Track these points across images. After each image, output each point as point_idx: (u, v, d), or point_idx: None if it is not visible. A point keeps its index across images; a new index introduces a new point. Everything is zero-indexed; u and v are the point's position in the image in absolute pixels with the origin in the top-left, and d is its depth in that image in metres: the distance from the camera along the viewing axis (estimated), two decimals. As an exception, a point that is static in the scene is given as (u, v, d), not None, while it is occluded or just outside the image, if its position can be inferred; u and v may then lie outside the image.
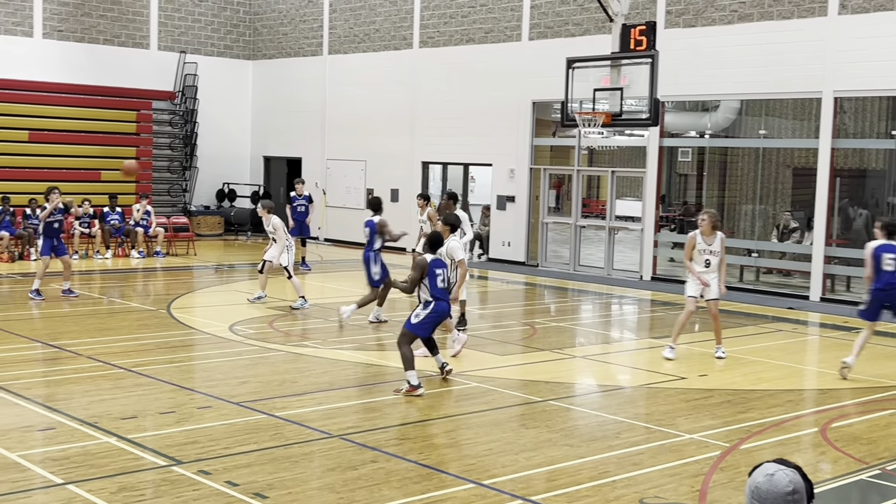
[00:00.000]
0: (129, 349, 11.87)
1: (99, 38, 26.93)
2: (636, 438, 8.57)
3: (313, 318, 14.82)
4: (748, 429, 9.00)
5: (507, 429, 8.87)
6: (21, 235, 21.13)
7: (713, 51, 19.36)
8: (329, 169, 27.67)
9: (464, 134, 24.10)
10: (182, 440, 8.00)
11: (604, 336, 14.72)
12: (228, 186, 29.47)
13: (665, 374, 11.40)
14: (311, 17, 28.04)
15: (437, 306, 10.20)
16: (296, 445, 8.00)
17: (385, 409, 9.36)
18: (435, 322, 10.30)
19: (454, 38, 24.29)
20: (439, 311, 10.23)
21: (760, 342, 14.00)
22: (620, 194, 22.81)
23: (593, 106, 16.46)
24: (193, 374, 11.01)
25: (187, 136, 28.10)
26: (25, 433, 8.15)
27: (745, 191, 20.96)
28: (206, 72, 28.40)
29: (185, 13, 28.51)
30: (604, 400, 10.43)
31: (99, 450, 7.68)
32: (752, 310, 16.99)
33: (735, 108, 20.27)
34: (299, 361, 11.58)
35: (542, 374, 11.26)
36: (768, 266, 20.43)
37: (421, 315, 10.16)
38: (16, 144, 25.05)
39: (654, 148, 20.60)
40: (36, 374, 10.27)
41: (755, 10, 18.90)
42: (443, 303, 10.27)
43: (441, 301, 10.25)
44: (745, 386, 10.91)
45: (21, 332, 12.64)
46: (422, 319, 10.15)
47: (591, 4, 20.58)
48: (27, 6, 25.66)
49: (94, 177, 25.78)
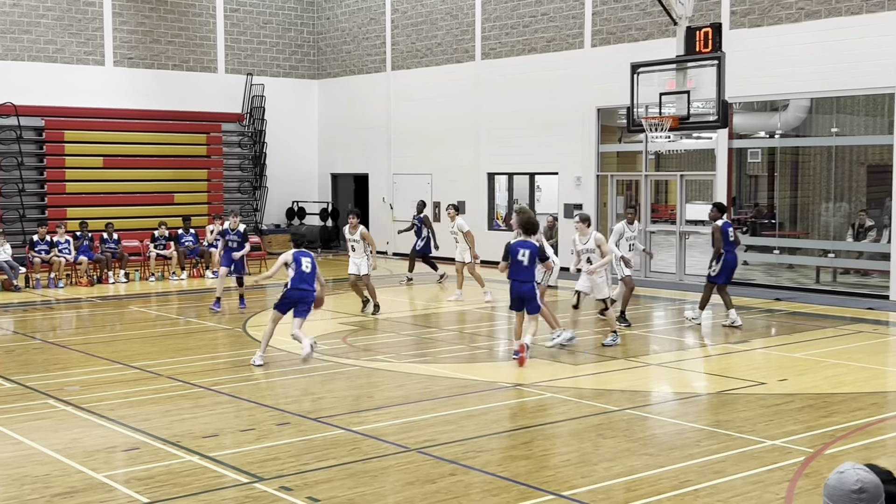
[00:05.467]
0: (207, 368, 12.07)
1: (168, 63, 27.52)
2: (716, 446, 8.44)
3: (386, 332, 14.91)
4: (832, 433, 8.81)
5: (585, 439, 8.81)
6: (99, 259, 21.64)
7: (781, 49, 19.06)
8: (395, 183, 27.85)
9: (528, 143, 24.07)
10: (262, 457, 8.11)
11: (678, 343, 14.54)
12: (298, 204, 29.84)
13: (743, 380, 11.22)
14: (373, 34, 28.30)
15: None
16: (374, 460, 8.05)
17: (461, 422, 9.38)
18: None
19: (516, 49, 24.30)
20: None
21: (840, 344, 13.71)
22: (690, 198, 22.55)
23: (660, 110, 16.30)
24: (271, 391, 11.16)
25: (256, 157, 28.54)
26: (110, 454, 8.33)
27: (819, 190, 20.56)
28: (272, 92, 28.83)
29: (251, 36, 28.99)
30: (682, 408, 10.30)
31: (182, 468, 7.82)
32: (831, 311, 16.65)
33: (805, 106, 19.92)
34: (373, 376, 11.65)
35: (618, 383, 11.16)
36: (845, 266, 20.00)
37: None
38: (91, 171, 25.70)
39: (724, 150, 20.34)
40: (119, 396, 10.49)
41: (822, 7, 18.57)
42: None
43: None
44: (827, 389, 10.69)
45: (102, 355, 12.94)
46: None
47: (653, 8, 20.43)
48: (98, 35, 26.35)
49: (168, 200, 26.33)
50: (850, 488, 3.20)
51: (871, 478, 3.20)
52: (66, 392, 10.62)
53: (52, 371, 11.98)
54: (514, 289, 12.08)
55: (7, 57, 25.01)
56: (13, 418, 9.48)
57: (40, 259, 20.91)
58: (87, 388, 10.92)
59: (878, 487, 3.19)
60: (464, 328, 15.27)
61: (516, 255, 11.97)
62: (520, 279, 11.98)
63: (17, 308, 18.00)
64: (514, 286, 12.07)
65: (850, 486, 3.20)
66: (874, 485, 3.19)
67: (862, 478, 3.20)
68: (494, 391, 10.69)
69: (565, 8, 23.09)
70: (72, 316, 17.65)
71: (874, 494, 3.18)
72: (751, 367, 12.15)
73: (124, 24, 26.75)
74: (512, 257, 12.01)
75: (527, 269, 11.87)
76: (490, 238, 25.49)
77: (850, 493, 3.19)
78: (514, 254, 12.01)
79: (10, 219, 24.17)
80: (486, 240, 25.49)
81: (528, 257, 11.84)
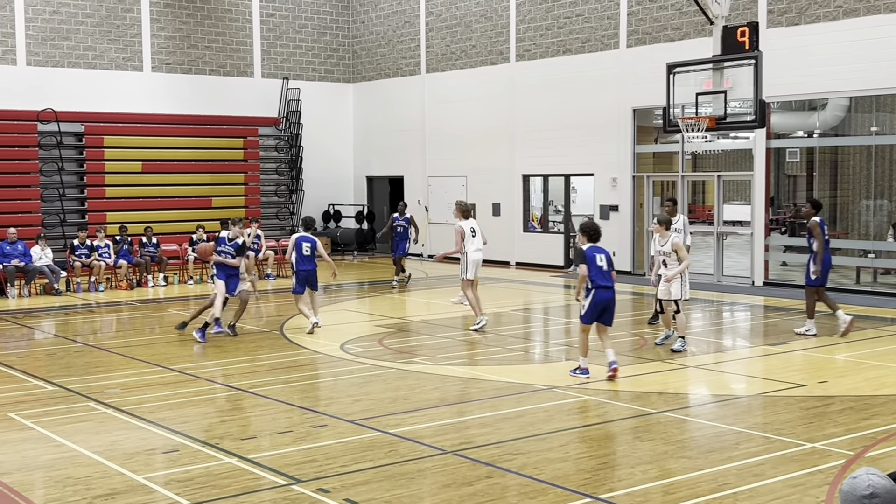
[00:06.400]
0: (246, 370, 12.16)
1: (205, 69, 27.77)
2: (756, 449, 8.37)
3: (422, 334, 14.93)
4: (873, 436, 8.71)
5: (622, 441, 8.78)
6: (139, 263, 21.88)
7: (819, 48, 18.87)
8: (430, 186, 27.89)
9: (563, 145, 24.02)
10: (300, 459, 8.16)
11: (716, 344, 14.43)
12: (334, 207, 29.98)
13: (783, 382, 11.12)
14: (408, 37, 28.37)
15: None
16: (410, 462, 8.07)
17: (497, 424, 9.37)
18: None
19: (551, 50, 24.25)
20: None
21: (882, 346, 13.53)
22: (727, 198, 22.38)
23: (696, 110, 16.21)
24: (308, 393, 11.22)
25: (293, 160, 28.72)
26: (150, 455, 8.42)
27: (859, 190, 20.33)
28: (308, 96, 29.01)
29: (287, 40, 29.18)
30: (720, 410, 10.22)
31: (221, 470, 7.88)
32: (872, 312, 16.44)
33: (844, 105, 19.70)
34: (410, 378, 11.68)
35: (655, 386, 11.10)
36: (886, 267, 19.75)
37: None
38: (130, 175, 26.01)
39: (761, 150, 20.17)
40: (159, 398, 10.60)
41: (861, 5, 18.36)
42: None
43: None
44: (868, 391, 10.56)
45: (142, 357, 13.08)
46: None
47: (689, 8, 20.31)
48: (136, 42, 26.64)
49: (206, 204, 26.56)
50: (861, 493, 3.23)
51: (883, 483, 3.24)
52: (106, 395, 10.75)
53: (93, 374, 12.13)
54: (599, 297, 11.05)
55: (47, 63, 25.37)
56: (55, 420, 9.62)
57: (81, 263, 21.17)
58: (128, 390, 11.05)
59: (890, 493, 3.23)
60: (500, 330, 15.26)
61: (594, 261, 11.08)
62: (605, 284, 11.09)
63: (59, 311, 18.25)
64: (598, 294, 11.06)
65: (862, 491, 3.23)
66: (886, 490, 3.22)
67: (874, 483, 3.23)
68: (531, 393, 10.67)
69: (600, 9, 23.01)
70: (112, 319, 17.85)
71: (886, 500, 3.21)
72: (790, 369, 12.03)
73: (162, 30, 27.03)
74: (590, 263, 11.08)
75: (608, 274, 11.15)
76: (526, 240, 25.49)
77: (861, 498, 3.23)
78: (591, 259, 11.09)
79: (50, 223, 24.51)
80: (522, 242, 25.50)
81: (606, 261, 11.17)
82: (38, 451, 8.49)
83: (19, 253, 20.40)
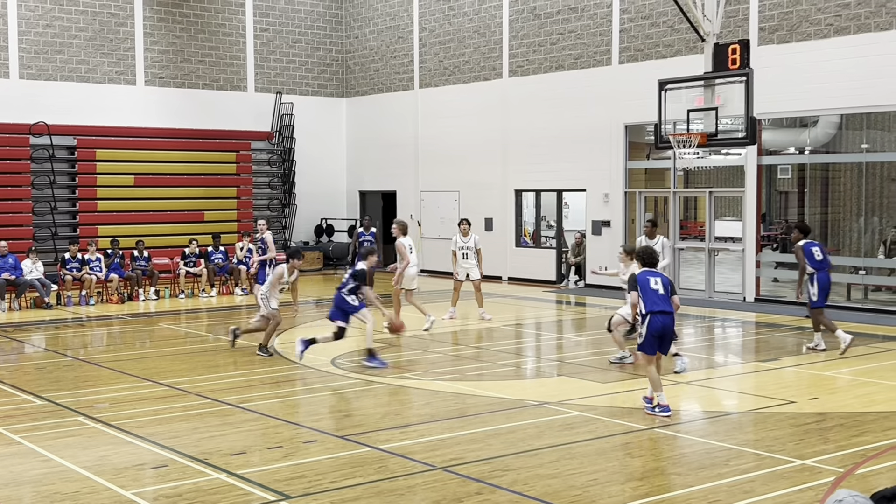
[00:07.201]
0: (236, 385, 12.12)
1: (198, 83, 27.79)
2: (746, 466, 8.37)
3: (413, 349, 14.91)
4: (863, 453, 8.71)
5: (613, 458, 8.76)
6: (130, 277, 21.83)
7: (810, 66, 18.96)
8: (423, 200, 27.91)
9: (556, 160, 24.07)
10: (289, 475, 8.13)
11: (707, 360, 14.44)
12: (326, 222, 29.99)
13: (774, 399, 11.12)
14: (401, 52, 28.44)
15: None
16: (401, 478, 8.04)
17: (487, 440, 9.35)
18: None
19: (543, 66, 24.33)
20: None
21: (872, 362, 13.55)
22: (719, 215, 22.44)
23: (687, 127, 16.25)
24: (298, 408, 11.19)
25: (285, 175, 28.74)
26: (139, 471, 8.38)
27: (850, 206, 20.40)
28: (301, 111, 29.05)
29: (280, 55, 29.23)
30: (711, 426, 10.22)
31: (210, 486, 7.85)
32: (862, 329, 16.47)
33: (835, 122, 19.79)
34: (400, 393, 11.65)
35: (646, 401, 11.09)
36: (876, 283, 19.80)
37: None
38: (122, 189, 25.99)
39: (753, 166, 20.24)
40: (148, 413, 10.56)
41: (851, 23, 18.47)
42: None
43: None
44: (859, 408, 10.57)
45: (132, 372, 13.03)
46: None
47: (681, 25, 20.40)
48: (130, 55, 26.66)
49: (198, 217, 26.54)
50: None
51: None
52: (95, 409, 10.71)
53: (83, 388, 12.09)
54: (656, 323, 10.22)
55: (40, 77, 25.36)
56: (44, 435, 9.57)
57: (72, 277, 21.13)
58: (117, 405, 11.00)
59: None
60: (491, 346, 15.24)
61: (648, 285, 10.35)
62: (661, 310, 10.27)
63: (49, 325, 18.19)
64: (654, 320, 10.22)
65: None
66: None
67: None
68: (522, 409, 10.66)
69: (592, 25, 23.10)
70: (102, 333, 17.80)
71: None
72: (781, 386, 12.04)
73: (155, 44, 27.05)
74: (643, 288, 10.36)
75: (665, 299, 10.33)
76: (518, 255, 25.51)
77: None
78: (644, 284, 10.38)
79: (42, 237, 24.46)
80: (515, 257, 25.52)
81: (661, 285, 10.37)
82: (26, 466, 8.44)
83: (10, 266, 20.34)
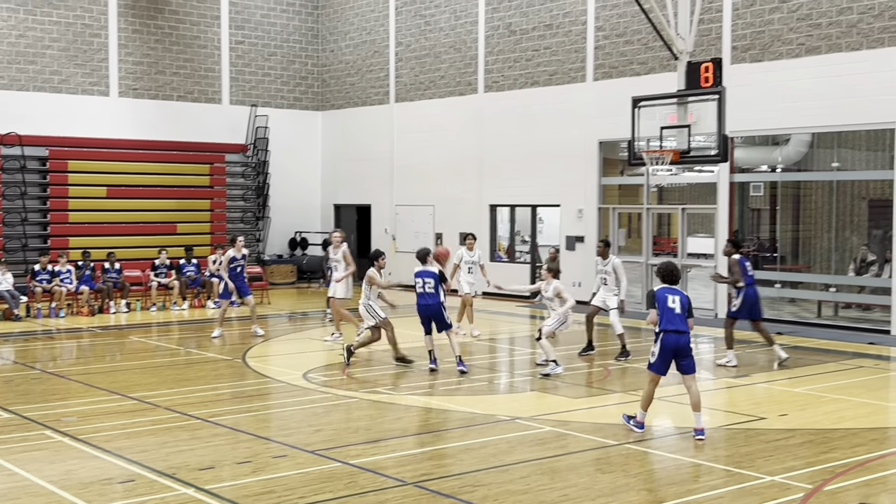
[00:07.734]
0: (206, 399, 12.03)
1: (172, 94, 27.68)
2: (716, 482, 8.39)
3: (385, 363, 14.87)
4: (831, 469, 8.76)
5: (583, 474, 8.76)
6: (101, 289, 21.65)
7: (782, 85, 19.15)
8: (398, 214, 27.90)
9: (531, 176, 24.15)
10: (259, 490, 8.06)
11: (679, 377, 14.45)
12: (300, 235, 29.89)
13: (744, 415, 11.17)
14: (377, 66, 28.47)
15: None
16: (371, 494, 8.00)
17: (459, 455, 9.33)
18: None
19: (519, 82, 24.42)
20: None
21: (841, 379, 13.65)
22: (692, 231, 22.57)
23: (660, 144, 16.36)
24: (269, 423, 11.12)
25: (259, 187, 28.64)
26: (106, 486, 8.29)
27: (821, 224, 20.58)
28: (276, 124, 28.99)
29: (255, 68, 29.17)
30: (681, 442, 10.24)
31: (177, 501, 7.78)
32: (832, 346, 16.59)
33: (806, 141, 19.98)
34: (372, 408, 11.61)
35: (618, 417, 11.10)
36: (847, 301, 19.96)
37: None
38: (95, 200, 25.78)
39: (725, 183, 20.38)
40: (116, 427, 10.46)
41: (823, 43, 18.68)
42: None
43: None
44: (827, 425, 10.64)
45: (101, 385, 12.91)
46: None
47: (655, 43, 20.55)
48: (103, 66, 26.51)
49: (171, 230, 26.36)
50: None
51: None
52: (63, 423, 10.59)
53: (51, 401, 11.96)
54: (667, 342, 10.04)
55: (12, 87, 25.17)
56: (10, 449, 9.45)
57: (42, 288, 20.93)
58: (85, 418, 10.89)
59: None
60: (465, 360, 15.21)
61: (665, 302, 10.07)
62: (674, 329, 10.03)
63: (18, 337, 17.99)
64: (666, 339, 10.03)
65: None
66: None
67: None
68: (493, 424, 10.65)
69: (567, 42, 23.23)
70: (72, 346, 17.63)
71: None
72: (751, 402, 12.10)
73: (129, 55, 26.92)
74: (660, 305, 10.10)
75: (681, 318, 10.05)
76: (493, 270, 25.45)
77: None
78: (662, 301, 10.10)
79: (12, 248, 24.23)
80: (489, 272, 25.45)
81: (678, 304, 10.08)
82: (-9, 481, 8.33)
83: (-21, 277, 20.13)
